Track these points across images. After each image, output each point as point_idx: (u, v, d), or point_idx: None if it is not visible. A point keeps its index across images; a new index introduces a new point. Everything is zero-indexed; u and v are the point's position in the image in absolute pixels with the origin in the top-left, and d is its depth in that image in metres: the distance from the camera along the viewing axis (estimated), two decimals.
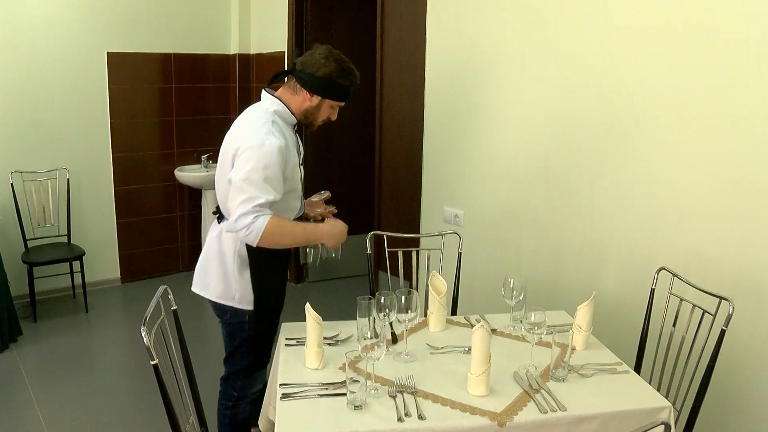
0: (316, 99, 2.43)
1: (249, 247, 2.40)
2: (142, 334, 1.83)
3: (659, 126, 2.75)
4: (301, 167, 2.55)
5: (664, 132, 2.74)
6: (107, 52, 4.97)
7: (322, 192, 2.83)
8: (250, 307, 2.48)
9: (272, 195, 2.28)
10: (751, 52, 2.40)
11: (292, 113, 2.47)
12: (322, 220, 2.68)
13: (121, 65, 5.05)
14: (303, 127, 2.57)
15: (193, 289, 2.59)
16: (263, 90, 2.51)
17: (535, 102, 3.28)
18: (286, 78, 2.49)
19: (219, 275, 2.49)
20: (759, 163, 2.41)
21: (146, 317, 1.92)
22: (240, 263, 2.46)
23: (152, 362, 1.83)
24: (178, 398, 2.03)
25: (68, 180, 4.86)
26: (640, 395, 2.03)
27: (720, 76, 2.51)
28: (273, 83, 2.50)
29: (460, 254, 3.00)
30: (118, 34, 5.00)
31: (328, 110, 2.50)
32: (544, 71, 3.21)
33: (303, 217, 2.66)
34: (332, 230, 2.47)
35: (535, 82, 3.27)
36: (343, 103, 2.52)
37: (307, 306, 2.14)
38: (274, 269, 2.53)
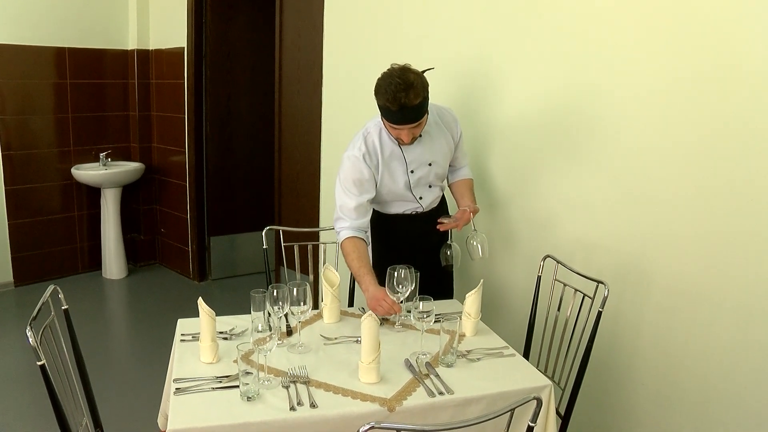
0: None
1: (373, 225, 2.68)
2: (28, 335, 1.80)
3: (542, 122, 2.89)
4: (411, 174, 2.63)
5: (548, 128, 2.87)
6: None
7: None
8: None
9: (353, 198, 2.54)
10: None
11: None
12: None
13: (9, 58, 4.83)
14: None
15: None
16: None
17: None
18: None
19: None
20: (633, 161, 2.56)
21: (33, 317, 1.89)
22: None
23: (39, 363, 1.80)
24: (70, 400, 2.00)
25: None
26: (523, 376, 2.14)
27: (585, 76, 2.66)
28: None
29: None
30: (5, 26, 4.78)
31: (391, 129, 2.48)
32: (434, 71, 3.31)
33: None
34: (368, 293, 2.45)
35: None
36: (397, 126, 2.42)
37: (200, 300, 2.14)
38: (387, 244, 2.80)
